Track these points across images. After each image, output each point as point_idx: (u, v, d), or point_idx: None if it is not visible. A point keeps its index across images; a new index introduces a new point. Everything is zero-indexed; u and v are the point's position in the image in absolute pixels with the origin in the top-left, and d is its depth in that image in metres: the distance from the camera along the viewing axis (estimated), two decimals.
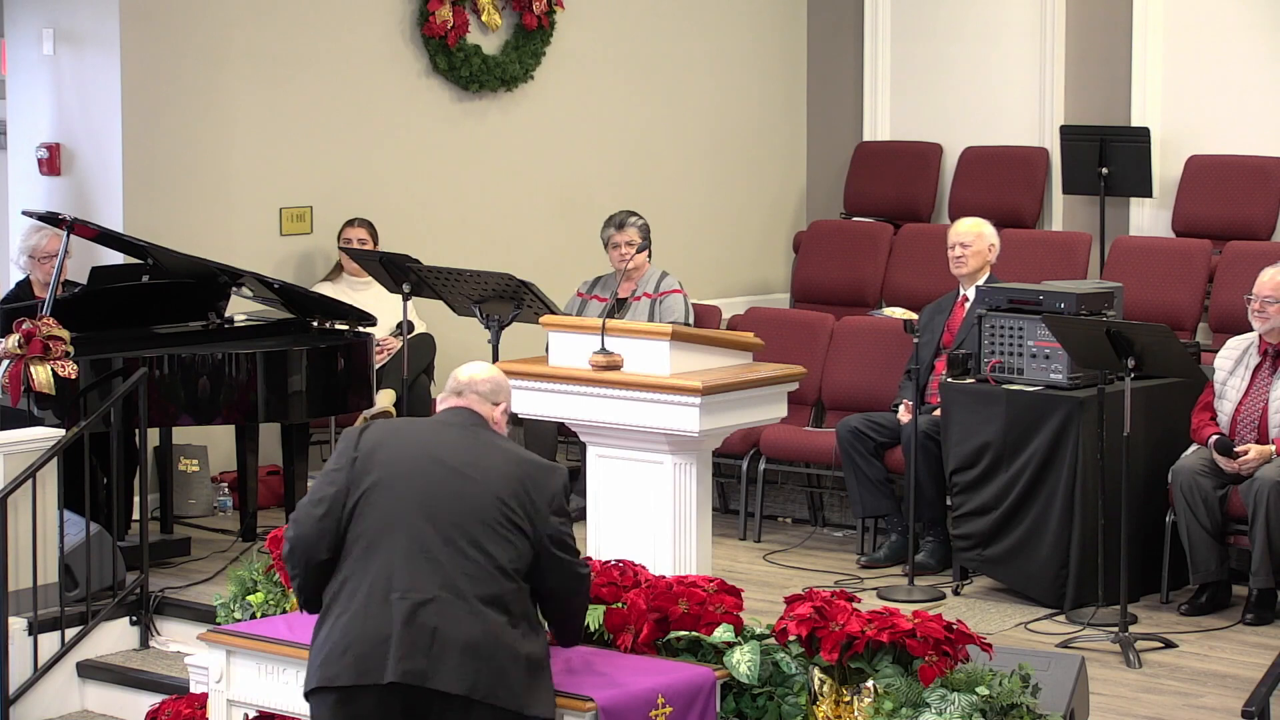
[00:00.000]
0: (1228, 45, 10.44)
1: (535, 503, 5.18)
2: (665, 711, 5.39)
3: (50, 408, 8.07)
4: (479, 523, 5.11)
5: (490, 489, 5.14)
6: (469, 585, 5.06)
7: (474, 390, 5.40)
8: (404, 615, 5.03)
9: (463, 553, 5.08)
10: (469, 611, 5.04)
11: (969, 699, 5.37)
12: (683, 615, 5.69)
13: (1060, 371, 7.89)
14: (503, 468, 5.19)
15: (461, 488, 5.15)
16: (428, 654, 5.00)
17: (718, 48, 11.58)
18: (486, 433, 5.33)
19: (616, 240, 9.17)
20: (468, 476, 5.16)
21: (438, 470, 5.18)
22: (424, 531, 5.11)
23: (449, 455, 5.22)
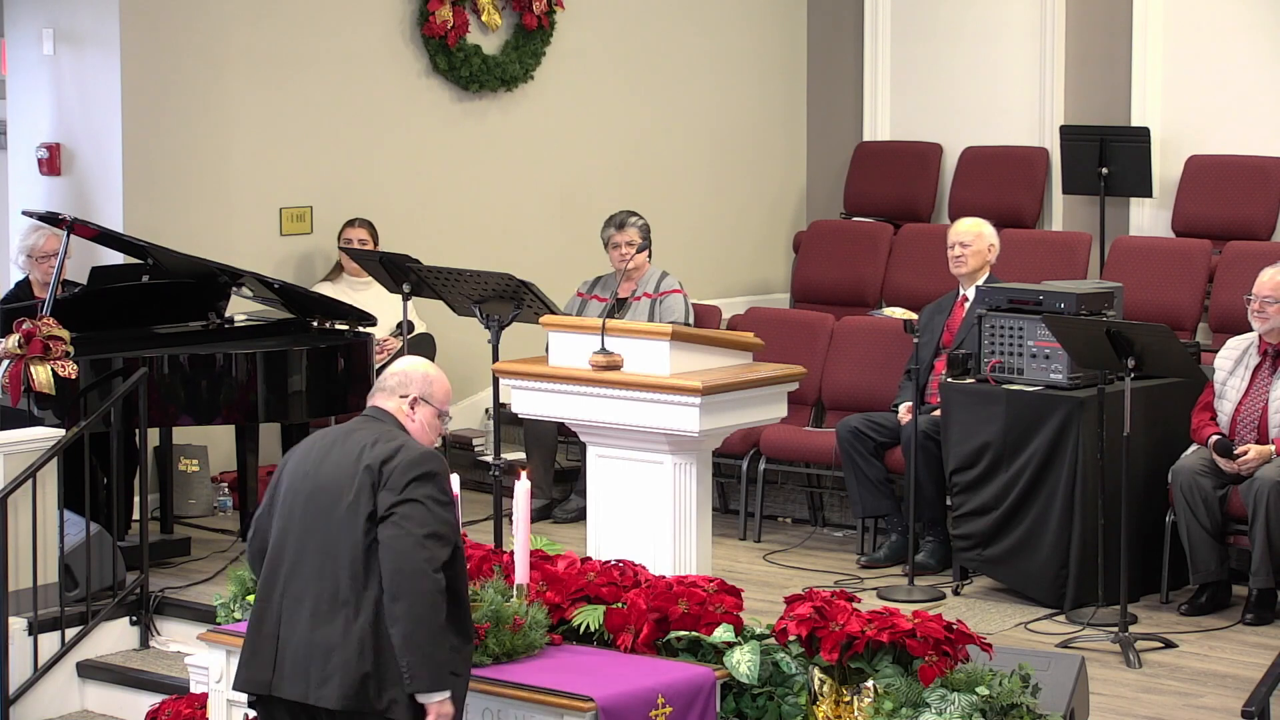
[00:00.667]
0: (1228, 45, 10.44)
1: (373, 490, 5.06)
2: (665, 711, 5.39)
3: (50, 408, 8.07)
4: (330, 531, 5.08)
5: (338, 488, 5.10)
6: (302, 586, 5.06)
7: (381, 387, 5.36)
8: (255, 623, 5.12)
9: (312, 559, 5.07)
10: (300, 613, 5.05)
11: (969, 699, 5.37)
12: (683, 615, 5.69)
13: (1060, 371, 7.89)
14: (347, 466, 5.12)
15: (317, 493, 5.14)
16: (272, 663, 5.05)
17: (718, 48, 11.58)
18: (366, 425, 5.25)
19: (617, 240, 9.17)
20: (324, 484, 5.14)
21: (304, 482, 5.19)
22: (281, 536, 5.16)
23: (316, 464, 5.20)
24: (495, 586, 5.74)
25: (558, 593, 5.85)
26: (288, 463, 5.35)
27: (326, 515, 5.12)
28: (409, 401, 5.34)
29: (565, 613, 5.83)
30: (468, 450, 10.09)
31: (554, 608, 5.81)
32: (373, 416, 5.30)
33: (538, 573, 5.88)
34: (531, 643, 5.63)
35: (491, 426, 8.22)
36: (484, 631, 5.55)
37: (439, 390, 5.43)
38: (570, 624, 5.81)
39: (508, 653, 5.57)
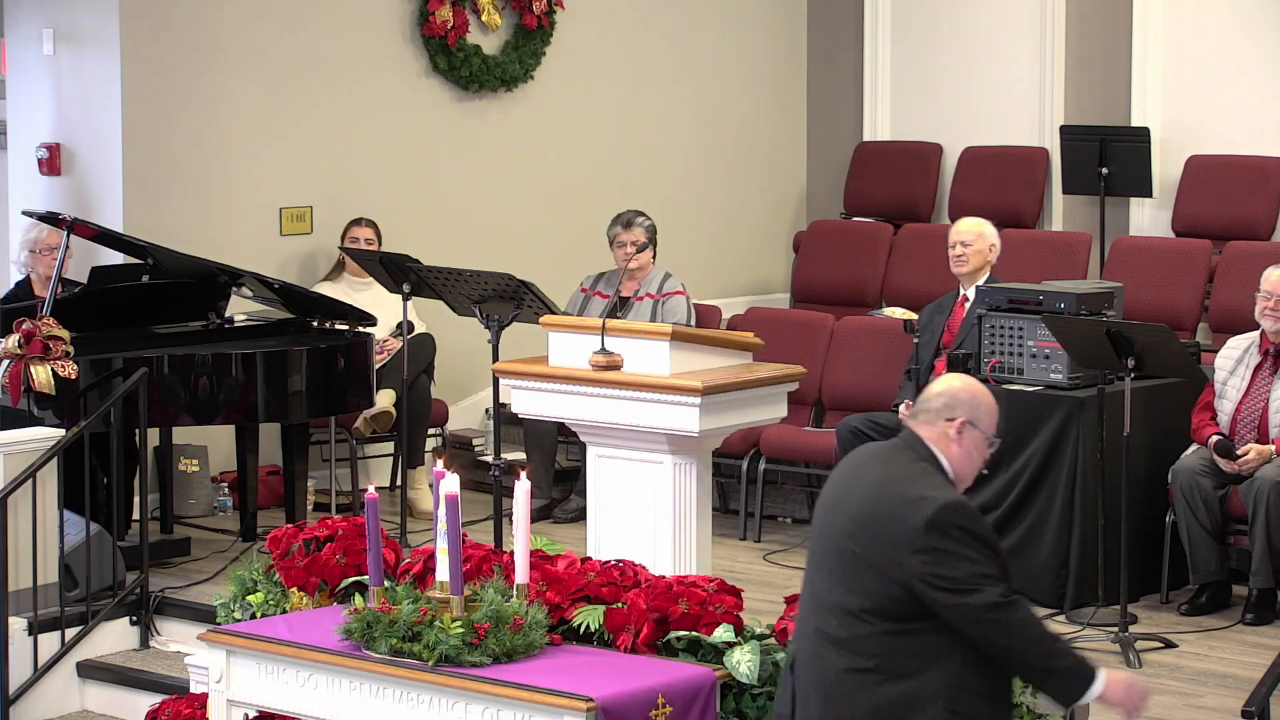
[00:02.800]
0: (1228, 45, 10.44)
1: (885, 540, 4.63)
2: (665, 711, 5.39)
3: (50, 408, 8.07)
4: (834, 560, 4.74)
5: (840, 525, 4.73)
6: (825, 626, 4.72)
7: (925, 408, 4.84)
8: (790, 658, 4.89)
9: (822, 592, 4.76)
10: (818, 653, 4.73)
11: None
12: (683, 615, 5.69)
13: (1060, 371, 7.89)
14: (858, 502, 4.72)
15: (832, 523, 4.78)
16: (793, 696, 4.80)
17: (718, 48, 11.58)
18: (891, 461, 4.79)
19: (623, 239, 9.17)
20: (838, 509, 4.78)
21: (825, 509, 4.83)
22: (811, 569, 4.84)
23: (838, 495, 4.81)
24: (495, 586, 5.75)
25: (558, 593, 5.85)
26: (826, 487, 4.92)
27: (836, 551, 4.73)
28: (955, 426, 4.83)
29: (565, 613, 5.83)
30: (468, 450, 10.09)
31: (554, 608, 5.81)
32: (905, 445, 4.80)
33: (538, 573, 5.88)
34: (531, 643, 5.63)
35: (491, 426, 8.22)
36: (484, 631, 5.55)
37: (987, 414, 4.91)
38: (570, 624, 5.80)
39: (508, 653, 5.57)
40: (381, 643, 5.61)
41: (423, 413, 9.44)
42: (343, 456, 9.59)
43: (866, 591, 4.66)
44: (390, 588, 5.84)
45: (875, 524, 4.67)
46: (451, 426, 10.10)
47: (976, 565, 4.60)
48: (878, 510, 4.68)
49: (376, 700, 5.64)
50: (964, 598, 4.58)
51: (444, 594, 5.66)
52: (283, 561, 6.33)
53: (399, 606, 5.67)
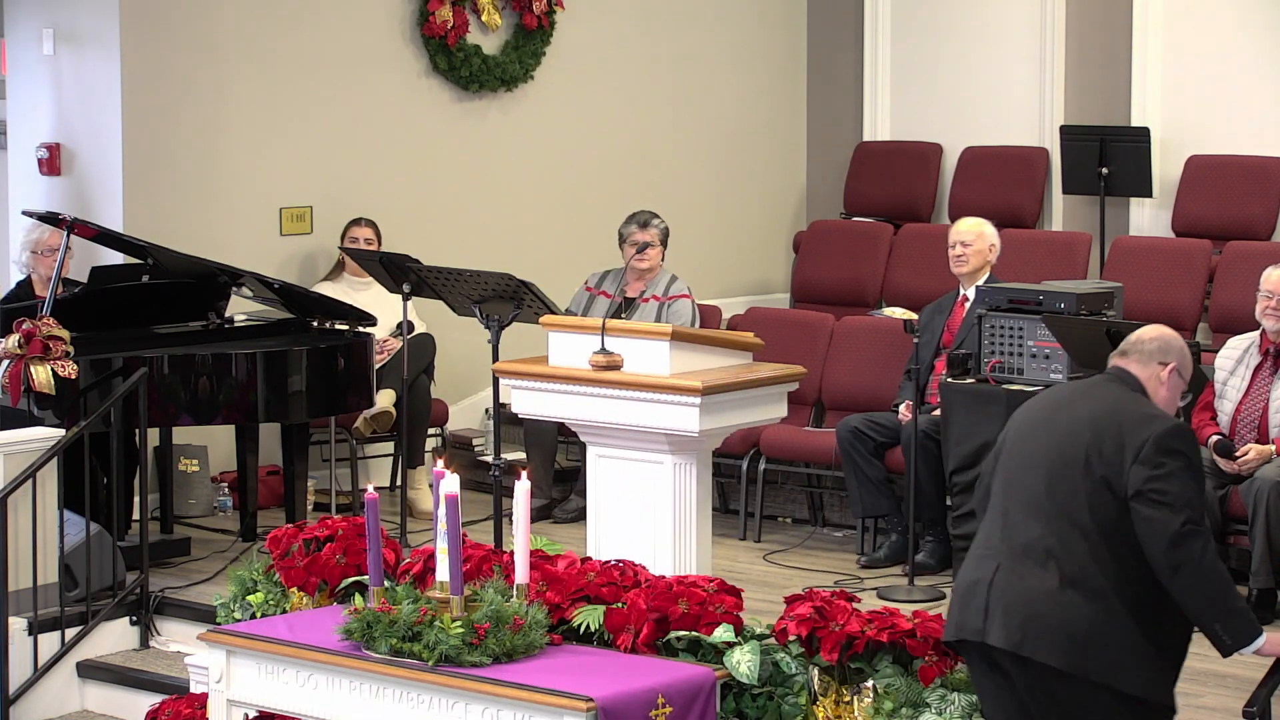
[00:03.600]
0: (1228, 45, 10.44)
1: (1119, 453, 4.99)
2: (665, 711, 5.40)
3: (50, 408, 8.07)
4: (1047, 476, 5.08)
5: (1062, 441, 5.08)
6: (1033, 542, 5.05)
7: (1138, 350, 5.25)
8: (969, 573, 5.15)
9: (1036, 512, 5.07)
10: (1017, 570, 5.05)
11: (969, 699, 5.37)
12: (683, 615, 5.69)
13: (1060, 371, 7.89)
14: (1089, 417, 5.07)
15: (1047, 441, 5.12)
16: (984, 611, 5.06)
17: (717, 48, 11.58)
18: (1110, 385, 5.20)
19: (637, 238, 9.16)
20: (1053, 430, 5.12)
21: (1035, 438, 5.17)
22: (1004, 488, 5.18)
23: (1048, 419, 5.18)
24: (495, 586, 5.75)
25: (558, 593, 5.85)
26: (1015, 414, 5.33)
27: (1060, 474, 5.07)
28: (1167, 370, 5.21)
29: (565, 613, 5.83)
30: (468, 450, 10.09)
31: (554, 608, 5.81)
32: (1116, 378, 5.21)
33: (538, 573, 5.89)
34: (531, 643, 5.64)
35: (491, 426, 8.22)
36: (484, 631, 5.55)
37: (1188, 367, 5.28)
38: (570, 624, 5.81)
39: (508, 653, 5.57)
40: (381, 643, 5.62)
41: (423, 413, 9.44)
42: (343, 456, 9.59)
43: (1084, 505, 5.00)
44: (390, 588, 5.85)
45: (1112, 436, 5.00)
46: (451, 426, 10.10)
47: (1188, 489, 4.95)
48: (1113, 423, 5.03)
49: (376, 700, 5.64)
50: (1172, 513, 4.90)
51: (444, 594, 5.66)
52: (283, 561, 6.33)
53: (399, 606, 5.67)
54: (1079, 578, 5.02)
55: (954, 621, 5.20)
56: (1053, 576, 5.03)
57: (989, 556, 5.16)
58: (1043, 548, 5.06)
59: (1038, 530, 5.08)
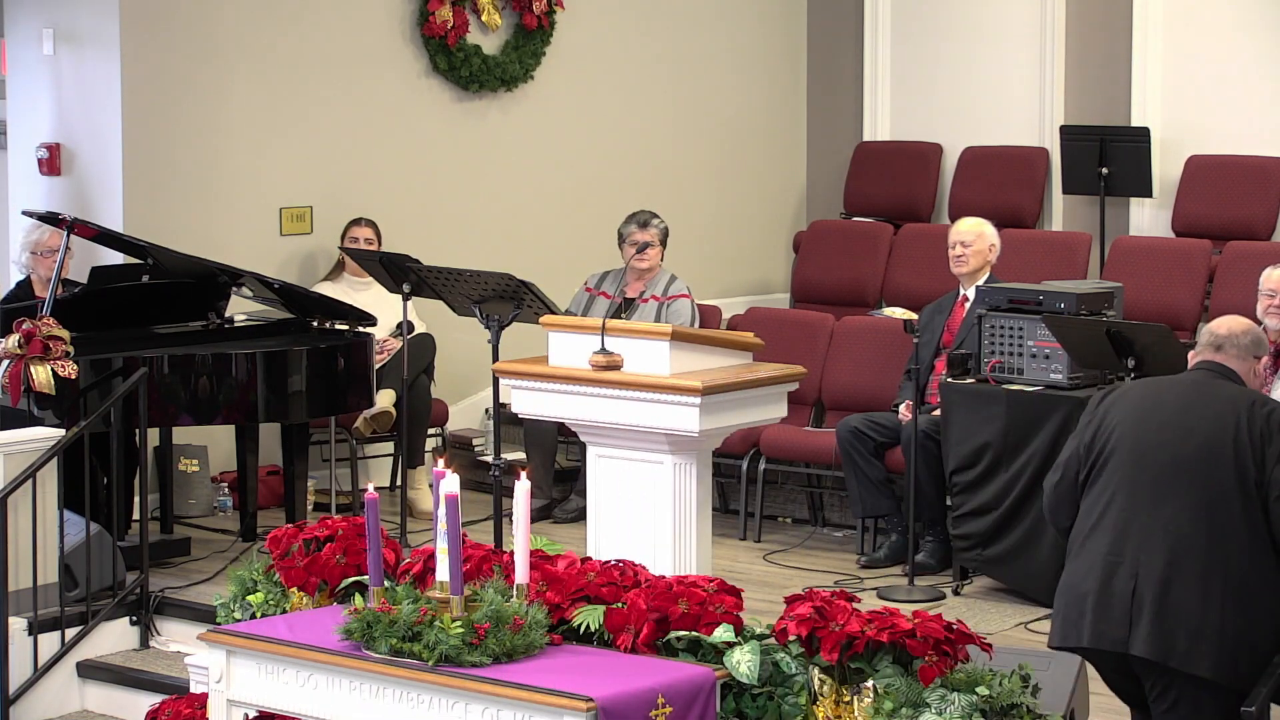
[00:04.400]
0: (1228, 45, 10.44)
1: (1259, 456, 5.14)
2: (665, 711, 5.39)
3: (50, 408, 8.07)
4: (1185, 477, 5.17)
5: (1199, 439, 5.19)
6: (1176, 548, 5.15)
7: (1234, 344, 5.37)
8: (1101, 578, 5.25)
9: (1174, 516, 5.17)
10: (1169, 576, 5.15)
11: (969, 699, 5.37)
12: (683, 615, 5.69)
13: (1060, 371, 7.89)
14: (1216, 416, 5.19)
15: (1171, 441, 5.23)
16: (1127, 620, 5.19)
17: (717, 48, 11.58)
18: (1219, 382, 5.32)
19: (637, 238, 9.16)
20: (1180, 429, 5.23)
21: (1157, 429, 5.27)
22: (1130, 491, 5.26)
23: (1168, 410, 5.28)
24: (495, 586, 5.74)
25: (558, 593, 5.85)
26: (1110, 412, 5.40)
27: (1199, 478, 5.17)
28: (1261, 364, 5.41)
29: (565, 613, 5.83)
30: (468, 450, 10.09)
31: (554, 608, 5.81)
32: (1220, 374, 5.35)
33: (538, 573, 5.88)
34: (531, 643, 5.63)
35: (491, 426, 8.22)
36: (484, 631, 5.55)
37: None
38: (570, 624, 5.80)
39: (508, 653, 5.57)
40: (381, 643, 5.61)
41: (423, 413, 9.44)
42: (343, 456, 9.59)
43: (1228, 510, 5.13)
44: (390, 588, 5.84)
45: (1247, 438, 5.13)
46: (451, 426, 10.10)
47: None
48: (1245, 424, 5.16)
49: (376, 700, 5.64)
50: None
51: (444, 594, 5.66)
52: (283, 561, 6.33)
53: (399, 606, 5.67)
54: (1228, 584, 5.14)
55: (1085, 629, 5.31)
56: (1202, 584, 5.13)
57: (1120, 563, 5.25)
58: (1188, 554, 5.16)
59: (1180, 535, 5.18)
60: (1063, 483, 5.53)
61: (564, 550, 6.13)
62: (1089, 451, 5.45)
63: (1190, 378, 5.46)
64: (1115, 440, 5.37)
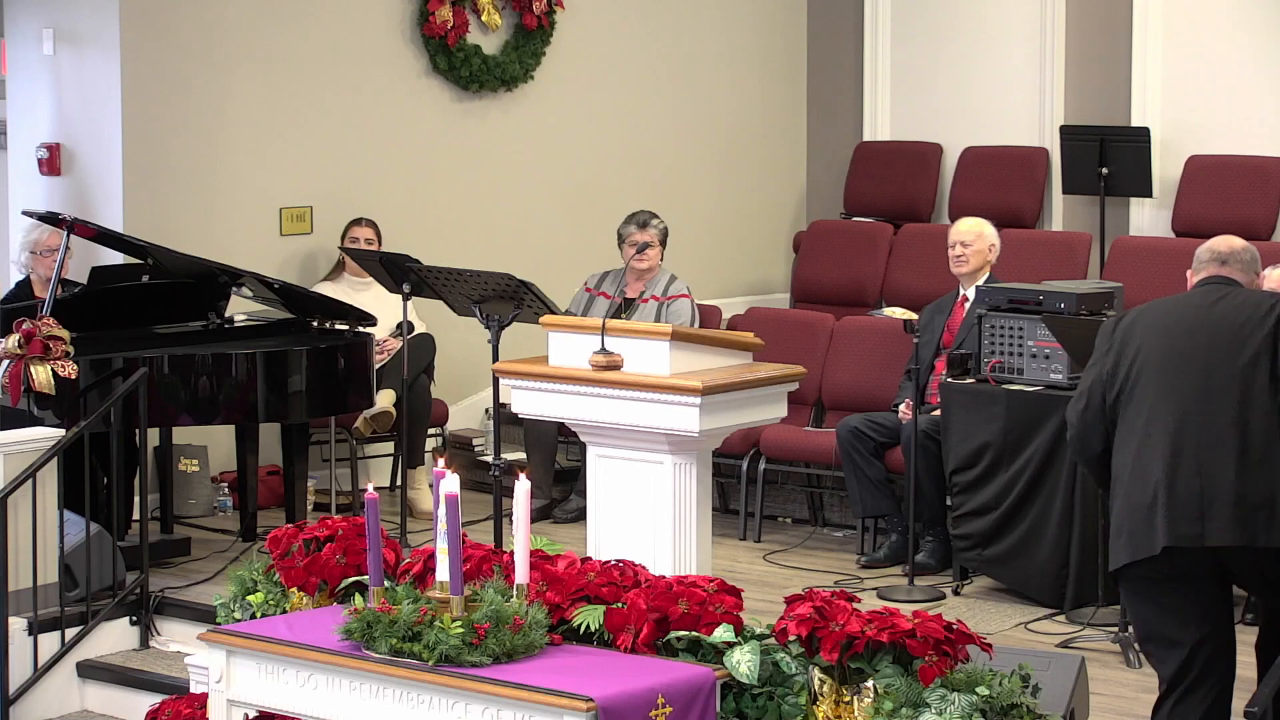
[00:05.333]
0: (1228, 45, 10.44)
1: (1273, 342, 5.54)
2: (665, 711, 5.39)
3: (50, 408, 8.07)
4: (1222, 375, 5.53)
5: (1230, 338, 5.57)
6: (1221, 440, 5.49)
7: (1238, 260, 5.81)
8: (1166, 486, 5.48)
9: (1209, 408, 5.50)
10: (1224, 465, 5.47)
11: (969, 699, 5.37)
12: (683, 615, 5.69)
13: (1060, 371, 7.89)
14: (1242, 314, 5.60)
15: (1203, 345, 5.59)
16: (1199, 517, 5.47)
17: (717, 48, 11.58)
18: (1233, 288, 5.70)
19: (636, 239, 9.16)
20: (1209, 332, 5.60)
21: (1184, 338, 5.62)
22: (1173, 398, 5.55)
23: (1192, 319, 5.66)
24: (495, 586, 5.74)
25: (558, 593, 5.85)
26: (1131, 332, 5.70)
27: (1231, 373, 5.54)
28: (1260, 281, 5.90)
29: (565, 613, 5.83)
30: (468, 450, 10.10)
31: (554, 608, 5.81)
32: (1230, 283, 5.75)
33: (538, 573, 5.88)
34: (531, 643, 5.63)
35: (491, 426, 8.22)
36: (484, 631, 5.55)
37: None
38: (570, 624, 5.80)
39: (508, 653, 5.57)
40: (381, 643, 5.61)
41: (423, 413, 9.44)
42: (343, 456, 9.60)
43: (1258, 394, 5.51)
44: (390, 588, 5.84)
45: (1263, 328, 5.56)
46: (451, 426, 10.10)
47: None
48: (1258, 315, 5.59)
49: (376, 700, 5.64)
50: None
51: (444, 594, 5.66)
52: (283, 561, 6.33)
53: (399, 606, 5.67)
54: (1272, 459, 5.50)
55: (1159, 534, 5.48)
56: (1263, 467, 5.47)
57: (1179, 465, 5.50)
58: (1242, 442, 5.48)
59: (1230, 426, 5.49)
60: (1089, 408, 5.71)
61: (564, 550, 6.13)
62: (1115, 374, 5.68)
63: (1203, 290, 5.79)
64: (1144, 356, 5.64)
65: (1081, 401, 5.75)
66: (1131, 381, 5.63)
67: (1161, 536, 5.49)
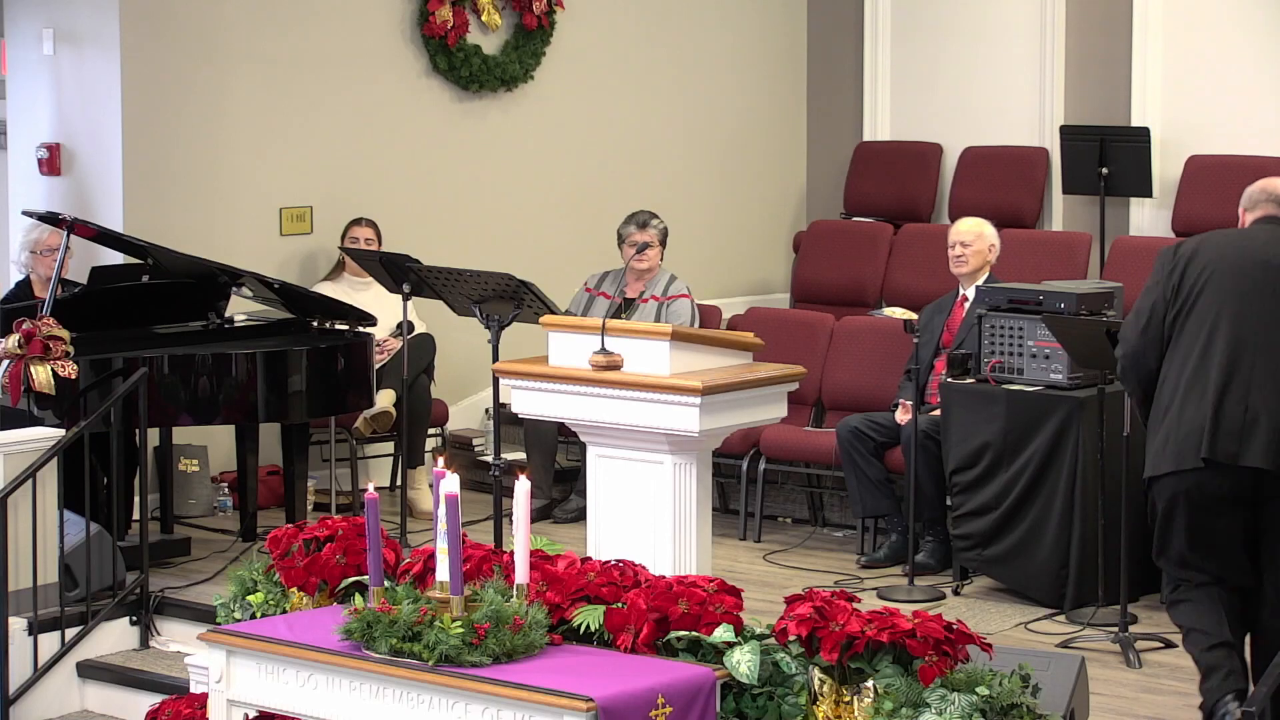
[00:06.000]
0: (1228, 45, 10.44)
1: None
2: (665, 711, 5.39)
3: (50, 408, 8.07)
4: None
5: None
6: (1271, 368, 5.86)
7: (1273, 200, 6.08)
8: (1214, 404, 5.84)
9: (1264, 337, 5.87)
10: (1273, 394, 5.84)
11: (969, 699, 5.37)
12: (683, 615, 5.69)
13: (1060, 371, 7.89)
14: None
15: (1266, 278, 5.91)
16: (1239, 436, 5.83)
17: (718, 48, 11.58)
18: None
19: (636, 239, 9.16)
20: (1272, 266, 5.91)
21: (1252, 268, 5.94)
22: (1233, 322, 5.88)
23: (1256, 251, 5.95)
24: (495, 586, 5.75)
25: (558, 593, 5.85)
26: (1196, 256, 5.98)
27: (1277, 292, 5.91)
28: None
29: (565, 613, 5.83)
30: (468, 450, 10.10)
31: (554, 608, 5.81)
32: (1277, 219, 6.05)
33: (538, 573, 5.88)
34: (531, 643, 5.63)
35: (491, 426, 8.22)
36: (484, 631, 5.55)
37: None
38: (570, 624, 5.80)
39: (508, 653, 5.57)
40: (381, 643, 5.62)
41: (423, 413, 9.44)
42: (343, 456, 9.60)
43: None
44: (390, 588, 5.84)
45: None
46: (451, 426, 10.10)
47: None
48: None
49: (376, 700, 5.64)
50: None
51: (444, 594, 5.66)
52: (283, 561, 6.33)
53: (399, 606, 5.67)
54: None
55: (1202, 447, 5.85)
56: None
57: (1227, 388, 5.85)
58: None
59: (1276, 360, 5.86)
60: (1151, 326, 6.03)
61: (564, 550, 6.13)
62: (1177, 293, 5.99)
63: (1266, 228, 6.06)
64: (1209, 280, 5.95)
65: (1143, 319, 6.03)
66: (1193, 302, 5.95)
67: (1203, 449, 5.85)
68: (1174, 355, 5.99)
